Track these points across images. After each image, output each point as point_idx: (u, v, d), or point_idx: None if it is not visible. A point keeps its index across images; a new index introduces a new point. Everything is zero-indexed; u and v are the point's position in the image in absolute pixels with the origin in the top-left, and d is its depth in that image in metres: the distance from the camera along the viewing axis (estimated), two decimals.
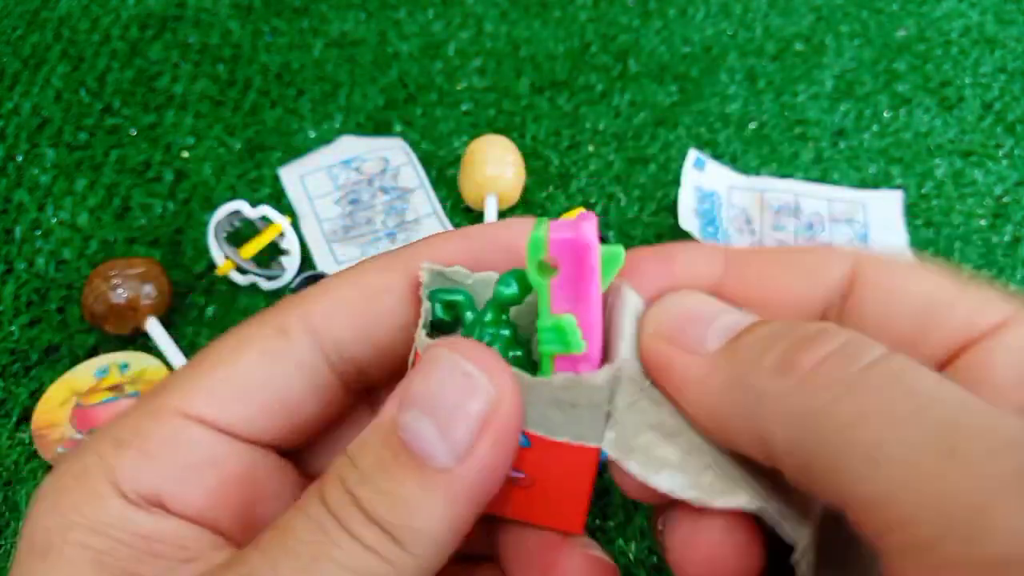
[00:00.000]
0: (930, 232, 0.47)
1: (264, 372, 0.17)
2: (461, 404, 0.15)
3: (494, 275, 0.18)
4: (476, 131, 0.52)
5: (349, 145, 0.51)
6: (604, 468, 0.17)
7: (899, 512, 0.12)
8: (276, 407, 0.17)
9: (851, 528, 0.14)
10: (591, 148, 0.52)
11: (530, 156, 0.50)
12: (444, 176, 0.50)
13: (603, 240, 0.44)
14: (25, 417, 0.39)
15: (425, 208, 0.48)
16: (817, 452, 0.13)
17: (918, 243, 0.47)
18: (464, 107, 0.54)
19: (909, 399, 0.13)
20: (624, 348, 0.17)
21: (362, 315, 0.18)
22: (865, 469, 0.13)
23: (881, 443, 0.13)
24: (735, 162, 0.51)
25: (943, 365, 0.16)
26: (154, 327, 0.41)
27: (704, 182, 0.48)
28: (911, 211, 0.48)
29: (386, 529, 0.14)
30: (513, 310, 0.17)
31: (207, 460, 0.17)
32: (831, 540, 0.16)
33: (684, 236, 0.46)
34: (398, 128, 0.53)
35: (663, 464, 0.16)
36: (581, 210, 0.46)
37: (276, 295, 0.44)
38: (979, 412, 0.13)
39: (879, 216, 0.48)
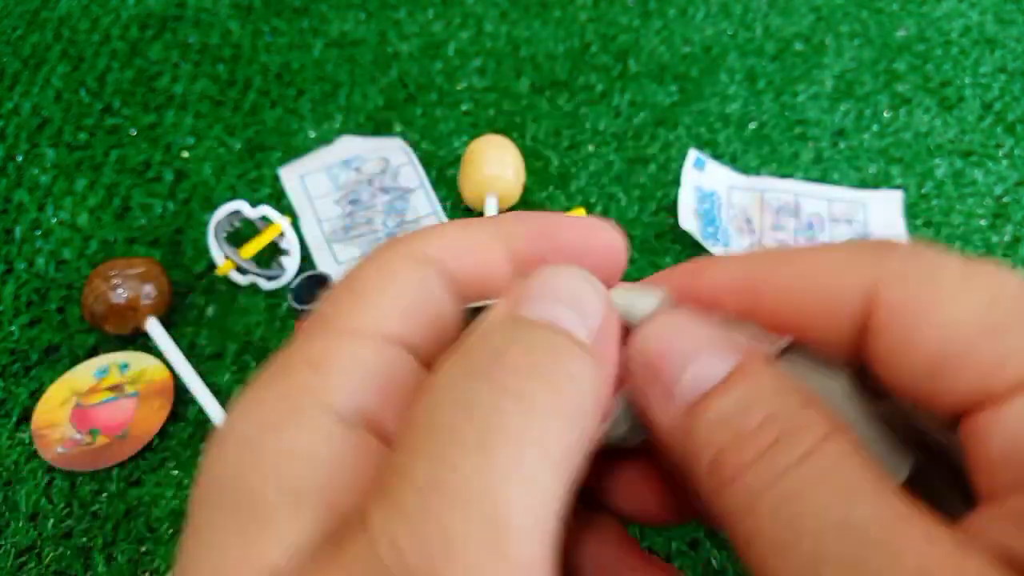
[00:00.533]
0: (930, 232, 0.47)
1: (420, 295, 0.16)
2: (585, 295, 0.15)
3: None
4: (476, 131, 0.52)
5: (349, 145, 0.51)
6: None
7: None
8: (434, 328, 0.17)
9: None
10: (591, 148, 0.52)
11: (530, 156, 0.50)
12: (444, 176, 0.50)
13: None
14: (25, 417, 0.39)
15: (425, 208, 0.48)
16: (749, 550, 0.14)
17: None
18: (464, 107, 0.54)
19: (811, 518, 0.13)
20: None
21: (474, 263, 0.17)
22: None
23: (790, 548, 0.13)
24: (735, 162, 0.51)
25: (957, 419, 0.15)
26: (154, 327, 0.41)
27: (704, 182, 0.48)
28: (911, 211, 0.48)
29: (544, 378, 0.14)
30: None
31: (398, 377, 0.16)
32: None
33: (684, 236, 0.46)
34: (398, 128, 0.53)
35: None
36: (582, 211, 0.46)
37: (276, 295, 0.44)
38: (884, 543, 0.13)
39: (879, 216, 0.48)
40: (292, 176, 0.49)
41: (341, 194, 0.48)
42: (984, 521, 0.14)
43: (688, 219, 0.46)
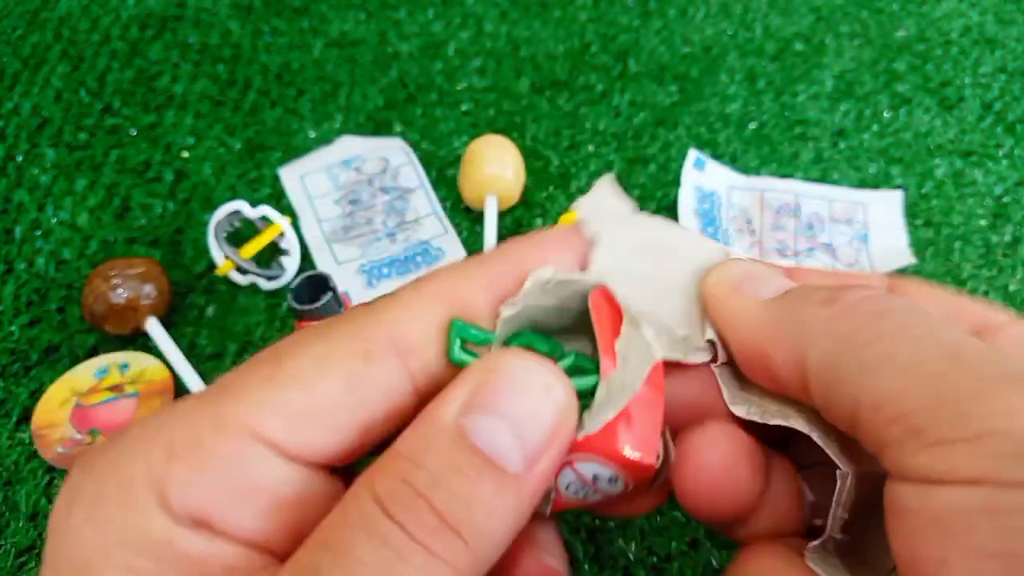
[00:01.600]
0: (930, 232, 0.47)
1: (346, 399, 0.16)
2: (536, 412, 0.15)
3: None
4: (476, 131, 0.52)
5: (349, 145, 0.51)
6: None
7: (902, 406, 0.14)
8: (353, 434, 0.16)
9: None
10: (591, 148, 0.52)
11: (530, 156, 0.50)
12: (444, 176, 0.50)
13: None
14: (25, 417, 0.39)
15: (425, 208, 0.48)
16: (844, 365, 0.16)
17: (918, 243, 0.47)
18: (464, 107, 0.54)
19: (923, 325, 0.15)
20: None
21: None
22: (880, 373, 0.15)
23: (896, 354, 0.15)
24: (735, 162, 0.51)
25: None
26: (154, 327, 0.41)
27: (704, 182, 0.48)
28: (911, 211, 0.48)
29: (458, 533, 0.14)
30: (529, 309, 0.19)
31: (266, 483, 0.15)
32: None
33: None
34: (398, 128, 0.53)
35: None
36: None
37: (276, 295, 0.44)
38: (979, 342, 0.15)
39: (879, 216, 0.48)
40: (292, 176, 0.49)
41: (341, 194, 0.48)
42: None
43: (688, 219, 0.46)
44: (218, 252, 0.43)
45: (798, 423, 0.18)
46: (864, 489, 0.17)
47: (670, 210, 0.47)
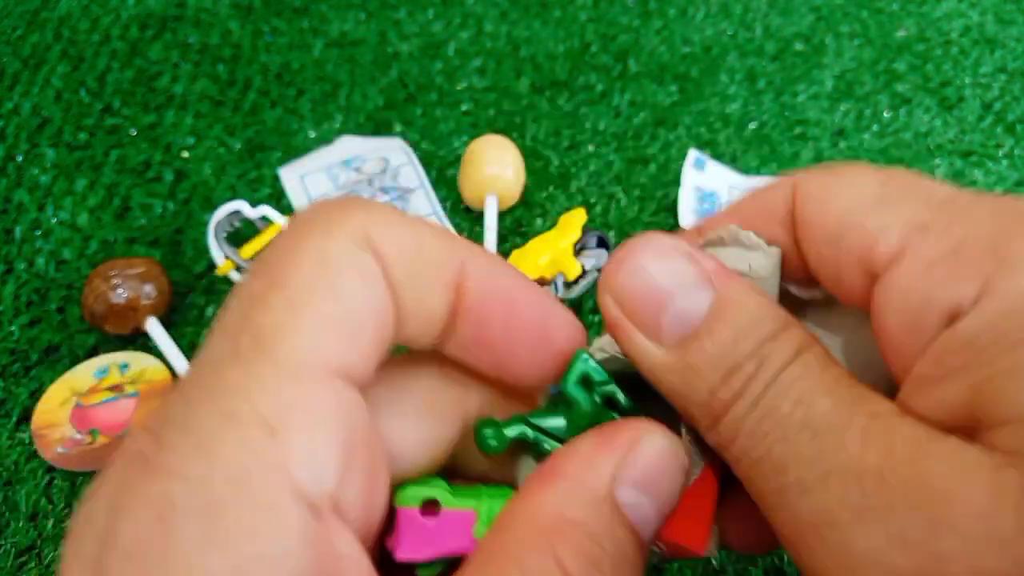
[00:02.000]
0: None
1: (368, 299, 0.14)
2: (675, 492, 0.16)
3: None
4: (476, 131, 0.52)
5: (349, 145, 0.51)
6: None
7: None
8: (382, 339, 0.15)
9: None
10: (591, 148, 0.52)
11: (530, 156, 0.50)
12: (444, 176, 0.50)
13: (604, 243, 0.44)
14: (25, 417, 0.39)
15: (425, 208, 0.48)
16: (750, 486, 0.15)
17: None
18: (464, 107, 0.54)
19: (779, 427, 0.15)
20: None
21: (419, 274, 0.16)
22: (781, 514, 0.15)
23: (763, 458, 0.15)
24: (735, 162, 0.51)
25: (867, 295, 0.16)
26: (154, 327, 0.41)
27: (704, 182, 0.48)
28: None
29: None
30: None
31: (358, 436, 0.14)
32: None
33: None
34: (398, 128, 0.53)
35: None
36: (581, 210, 0.46)
37: None
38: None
39: None
40: (292, 176, 0.49)
41: (341, 194, 0.48)
42: (907, 397, 0.15)
43: (688, 219, 0.46)
44: (218, 252, 0.43)
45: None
46: None
47: (670, 210, 0.47)
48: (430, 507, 0.16)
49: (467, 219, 0.47)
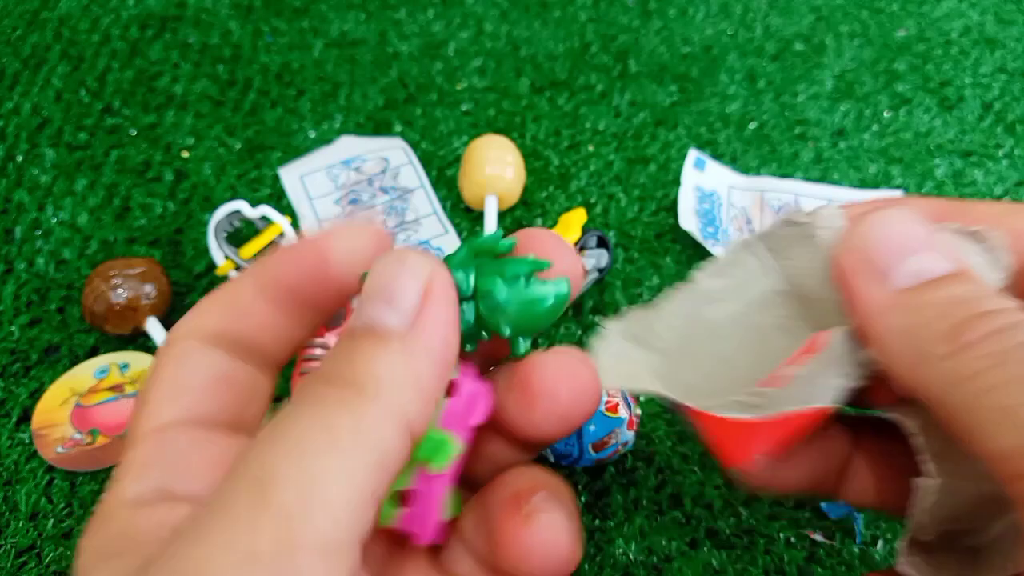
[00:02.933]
0: None
1: (212, 372, 0.18)
2: (399, 278, 0.17)
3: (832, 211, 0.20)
4: (476, 131, 0.52)
5: (349, 145, 0.51)
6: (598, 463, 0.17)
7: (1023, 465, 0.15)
8: (238, 393, 0.18)
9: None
10: (591, 148, 0.52)
11: (530, 156, 0.50)
12: (444, 176, 0.50)
13: (604, 243, 0.44)
14: (25, 417, 0.39)
15: (425, 208, 0.48)
16: (964, 411, 0.16)
17: None
18: (464, 107, 0.54)
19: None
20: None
21: (245, 319, 0.19)
22: (1002, 426, 0.15)
23: (1019, 405, 0.15)
24: (735, 162, 0.51)
25: None
26: (154, 327, 0.41)
27: (704, 182, 0.48)
28: None
29: (353, 385, 0.15)
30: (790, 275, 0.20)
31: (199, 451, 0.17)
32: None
33: (684, 236, 0.46)
34: (398, 128, 0.53)
35: None
36: (581, 210, 0.46)
37: None
38: None
39: None
40: (292, 176, 0.49)
41: (341, 194, 0.48)
42: None
43: (688, 219, 0.46)
44: (218, 252, 0.43)
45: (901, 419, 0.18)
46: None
47: (670, 210, 0.47)
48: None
49: (467, 219, 0.47)
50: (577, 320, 0.42)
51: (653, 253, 0.46)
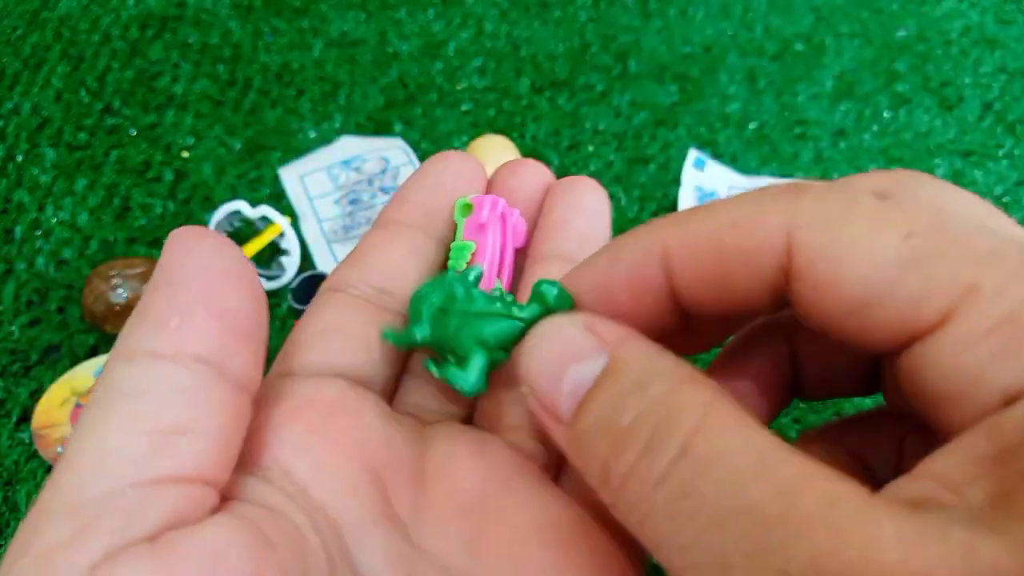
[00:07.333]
0: None
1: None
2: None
3: None
4: (476, 131, 0.52)
5: (349, 145, 0.51)
6: None
7: None
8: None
9: None
10: (591, 148, 0.52)
11: (530, 156, 0.50)
12: None
13: None
14: (25, 417, 0.39)
15: None
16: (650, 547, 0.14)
17: None
18: (464, 107, 0.54)
19: (705, 510, 0.12)
20: None
21: None
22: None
23: (692, 546, 0.12)
24: (735, 162, 0.51)
25: (890, 354, 0.15)
26: None
27: (704, 182, 0.48)
28: None
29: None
30: None
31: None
32: None
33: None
34: (398, 128, 0.53)
35: None
36: None
37: (276, 295, 0.44)
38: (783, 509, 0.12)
39: None
40: (292, 176, 0.49)
41: (341, 194, 0.48)
42: (937, 466, 0.13)
43: None
44: None
45: None
46: None
47: (670, 210, 0.47)
48: None
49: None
50: None
51: None
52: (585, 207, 0.24)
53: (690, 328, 0.18)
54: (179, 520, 0.14)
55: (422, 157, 0.50)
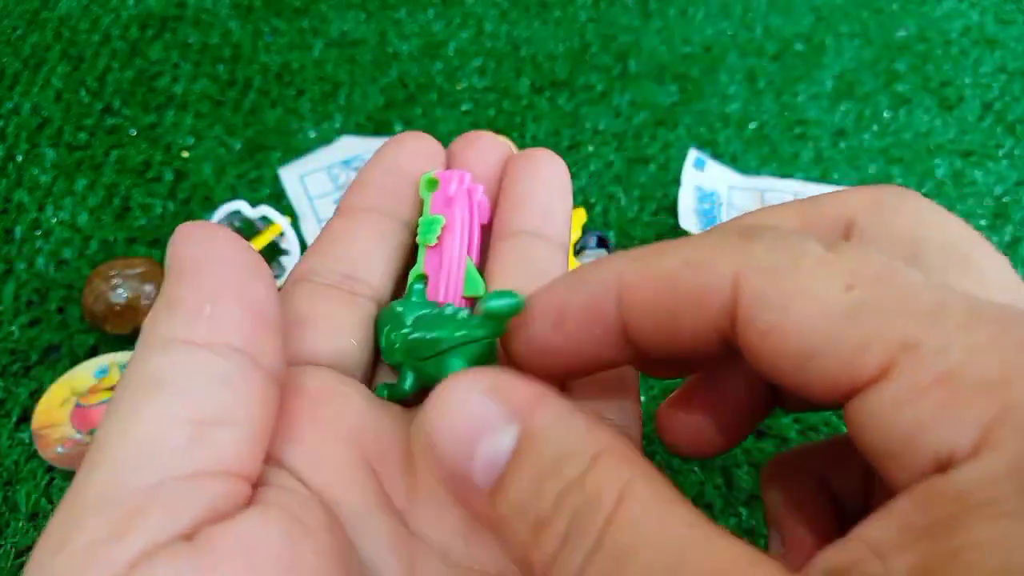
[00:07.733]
0: None
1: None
2: None
3: None
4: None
5: (349, 145, 0.51)
6: None
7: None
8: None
9: None
10: (591, 148, 0.52)
11: None
12: None
13: (604, 243, 0.44)
14: (25, 417, 0.39)
15: None
16: None
17: None
18: (464, 107, 0.54)
19: None
20: None
21: None
22: None
23: None
24: (735, 162, 0.51)
25: (837, 405, 0.14)
26: None
27: (704, 182, 0.48)
28: None
29: None
30: None
31: None
32: None
33: (684, 236, 0.46)
34: (398, 128, 0.53)
35: None
36: (581, 210, 0.46)
37: None
38: None
39: None
40: (292, 176, 0.49)
41: (341, 194, 0.48)
42: (871, 530, 0.12)
43: (688, 219, 0.46)
44: None
45: None
46: None
47: (670, 210, 0.47)
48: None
49: None
50: None
51: None
52: (545, 179, 0.24)
53: (641, 365, 0.18)
54: (216, 515, 0.13)
55: None
